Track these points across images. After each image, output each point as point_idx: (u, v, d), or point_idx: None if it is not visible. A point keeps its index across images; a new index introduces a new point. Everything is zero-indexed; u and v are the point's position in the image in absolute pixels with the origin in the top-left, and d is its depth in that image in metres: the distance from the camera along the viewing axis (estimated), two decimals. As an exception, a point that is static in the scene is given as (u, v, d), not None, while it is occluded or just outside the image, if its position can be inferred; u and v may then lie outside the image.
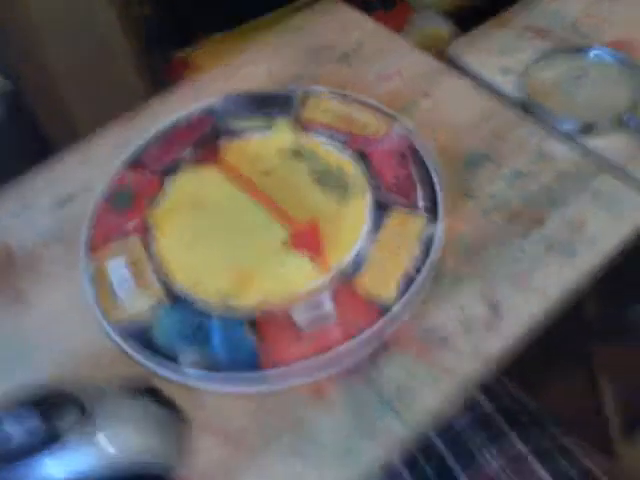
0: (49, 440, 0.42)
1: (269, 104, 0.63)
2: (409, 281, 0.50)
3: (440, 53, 0.71)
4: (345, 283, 0.51)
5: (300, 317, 0.49)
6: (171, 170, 0.60)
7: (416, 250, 0.52)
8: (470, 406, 0.50)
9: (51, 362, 0.52)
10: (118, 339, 0.50)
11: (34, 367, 0.52)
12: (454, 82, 0.66)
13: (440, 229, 0.53)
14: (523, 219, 0.55)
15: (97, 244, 0.55)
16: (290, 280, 0.52)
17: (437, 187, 0.55)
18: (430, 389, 0.47)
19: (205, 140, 0.62)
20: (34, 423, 0.42)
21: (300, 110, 0.63)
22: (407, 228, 0.53)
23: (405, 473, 0.54)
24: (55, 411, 0.43)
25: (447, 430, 0.54)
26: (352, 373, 0.48)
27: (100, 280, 0.53)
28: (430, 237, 0.52)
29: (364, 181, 0.57)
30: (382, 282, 0.50)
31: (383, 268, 0.51)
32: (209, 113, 0.64)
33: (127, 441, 0.43)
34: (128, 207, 0.57)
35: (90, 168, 0.64)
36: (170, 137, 0.62)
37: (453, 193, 0.56)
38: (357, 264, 0.52)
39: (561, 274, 0.52)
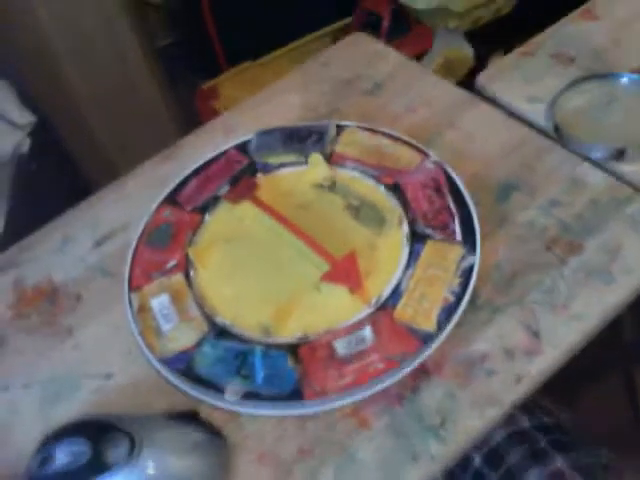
0: (93, 461, 0.43)
1: (302, 139, 0.65)
2: (449, 311, 0.51)
3: (463, 76, 0.72)
4: (385, 314, 0.51)
5: (343, 348, 0.50)
6: (208, 207, 0.61)
7: (454, 280, 0.52)
8: (507, 421, 0.50)
9: (97, 392, 0.54)
10: (164, 370, 0.51)
11: (82, 397, 0.53)
12: (482, 112, 0.67)
13: (477, 259, 0.54)
14: (559, 247, 0.55)
15: (139, 281, 0.57)
16: (329, 312, 0.53)
17: (474, 217, 0.56)
18: (471, 415, 0.48)
19: (241, 176, 0.63)
20: (80, 446, 0.44)
21: (332, 144, 0.64)
22: (444, 258, 0.54)
23: None
24: (100, 436, 0.45)
25: (484, 445, 0.54)
26: (394, 399, 0.49)
27: (144, 316, 0.54)
28: (469, 267, 0.53)
29: (400, 213, 0.58)
30: (422, 313, 0.51)
31: (422, 298, 0.52)
32: (243, 149, 0.65)
33: (168, 464, 0.45)
34: (168, 244, 0.59)
35: (128, 206, 0.66)
36: (206, 174, 0.64)
37: (487, 222, 0.56)
38: (396, 295, 0.52)
39: (599, 300, 0.52)
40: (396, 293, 0.53)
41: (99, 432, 0.45)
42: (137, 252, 0.59)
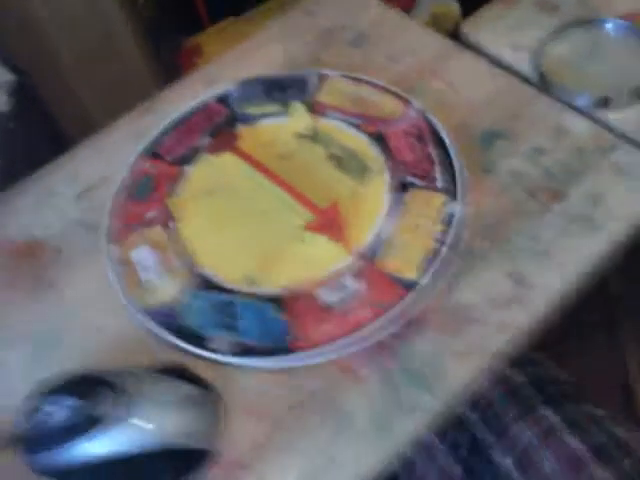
0: (86, 418, 0.43)
1: (283, 89, 0.64)
2: (432, 258, 0.50)
3: (450, 31, 0.71)
4: (369, 263, 0.51)
5: (327, 297, 0.50)
6: (189, 158, 0.60)
7: (437, 228, 0.52)
8: (501, 379, 0.50)
9: (82, 346, 0.53)
10: (148, 323, 0.51)
11: (66, 352, 0.53)
12: (466, 61, 0.67)
13: (460, 206, 0.53)
14: (543, 194, 0.55)
15: (120, 234, 0.56)
16: (313, 262, 0.52)
17: (455, 165, 0.56)
18: (460, 364, 0.48)
19: (221, 127, 0.62)
20: (72, 402, 0.44)
21: (315, 94, 0.63)
22: (427, 207, 0.54)
23: (437, 444, 0.55)
24: (91, 392, 0.44)
25: (478, 403, 0.54)
26: (382, 350, 0.49)
27: (126, 268, 0.54)
28: (451, 214, 0.53)
29: (382, 162, 0.57)
30: (405, 260, 0.51)
31: (405, 247, 0.52)
32: (224, 100, 0.64)
33: (159, 418, 0.45)
34: (148, 196, 0.58)
35: (108, 159, 0.65)
36: (186, 126, 0.63)
37: (471, 171, 0.56)
38: (379, 244, 0.52)
39: (583, 247, 0.52)
40: (378, 242, 0.52)
41: (87, 386, 0.45)
42: (117, 205, 0.58)
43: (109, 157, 0.65)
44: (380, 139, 0.59)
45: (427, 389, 0.47)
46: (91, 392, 0.44)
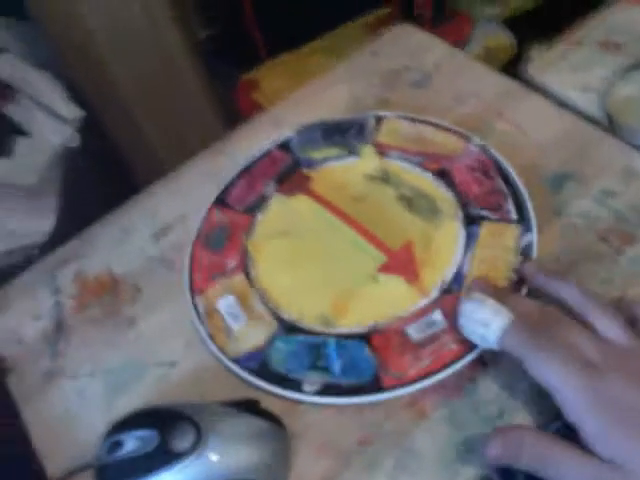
0: (160, 448, 0.45)
1: (343, 132, 0.66)
2: (514, 289, 0.52)
3: (504, 63, 0.72)
4: (451, 298, 0.52)
5: (415, 333, 0.51)
6: (258, 206, 0.62)
7: (515, 259, 0.53)
8: (560, 413, 0.50)
9: (159, 381, 0.55)
10: (238, 370, 0.52)
11: (144, 386, 0.55)
12: (532, 102, 0.67)
13: (535, 237, 0.54)
14: (614, 237, 0.55)
15: (202, 284, 0.58)
16: (387, 303, 0.54)
17: (525, 196, 0.57)
18: (528, 406, 0.48)
19: (286, 173, 0.64)
20: (146, 432, 0.46)
21: (374, 135, 0.65)
22: (502, 238, 0.55)
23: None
24: (165, 423, 0.46)
25: None
26: (452, 390, 0.49)
27: (212, 318, 0.55)
28: (528, 245, 0.54)
29: (451, 199, 0.58)
30: None
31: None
32: (286, 147, 0.66)
33: (232, 452, 0.46)
34: (224, 246, 0.60)
35: (184, 198, 0.67)
36: (251, 174, 0.65)
37: (542, 213, 0.56)
38: (459, 279, 0.53)
39: (655, 292, 0.52)
40: (459, 276, 0.54)
41: (165, 420, 0.47)
42: (195, 255, 0.60)
43: (185, 197, 0.67)
44: (445, 176, 0.60)
45: (493, 427, 0.47)
46: (168, 425, 0.46)
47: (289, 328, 0.54)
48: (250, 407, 0.50)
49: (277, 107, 0.75)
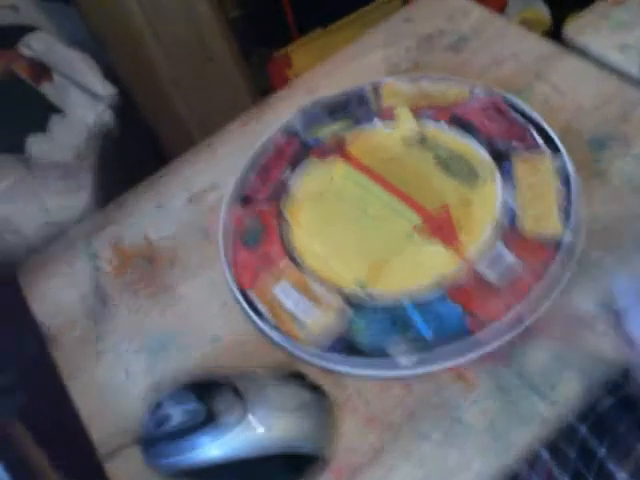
0: (206, 420, 0.45)
1: (344, 105, 0.65)
2: (567, 212, 0.52)
3: (542, 35, 0.71)
4: (510, 230, 0.52)
5: (490, 273, 0.50)
6: (280, 192, 0.61)
7: (557, 183, 0.54)
8: (612, 389, 0.49)
9: (201, 351, 0.55)
10: (318, 354, 0.51)
11: (186, 356, 0.55)
12: (571, 63, 0.66)
13: (568, 160, 0.55)
14: (659, 197, 0.54)
15: (250, 281, 0.56)
16: (424, 266, 0.53)
17: (544, 125, 0.57)
18: (579, 376, 0.47)
19: (297, 157, 0.63)
20: (192, 405, 0.45)
21: (377, 101, 0.65)
22: (537, 168, 0.55)
23: (546, 456, 0.54)
24: (211, 395, 0.46)
25: (589, 414, 0.53)
26: (500, 360, 0.48)
27: (273, 308, 0.53)
28: (563, 168, 0.54)
29: (488, 160, 0.58)
30: (543, 218, 0.52)
31: (536, 208, 0.53)
32: (290, 132, 0.65)
33: (277, 423, 0.46)
34: (261, 240, 0.58)
35: (217, 167, 0.67)
36: (264, 166, 0.63)
37: (582, 174, 0.55)
38: (510, 215, 0.53)
39: None
40: (509, 211, 0.54)
41: (211, 392, 0.46)
42: (232, 252, 0.58)
43: (218, 164, 0.67)
44: (460, 122, 0.60)
45: (543, 398, 0.46)
46: (212, 394, 0.46)
47: (358, 301, 0.52)
48: (295, 378, 0.50)
49: (311, 74, 0.74)
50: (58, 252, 0.65)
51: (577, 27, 0.69)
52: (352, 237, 0.56)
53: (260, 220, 0.59)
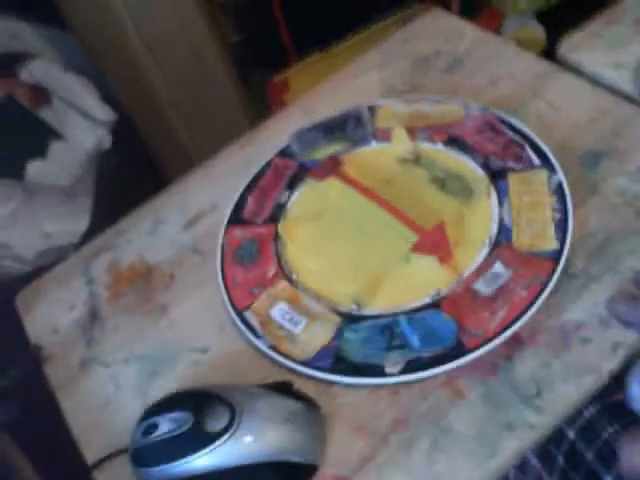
0: (194, 429, 0.45)
1: (340, 127, 0.65)
2: (562, 227, 0.52)
3: (538, 55, 0.71)
4: (505, 248, 0.53)
5: (484, 289, 0.51)
6: (278, 215, 0.61)
7: (551, 199, 0.54)
8: (601, 393, 0.49)
9: (194, 366, 0.55)
10: (312, 372, 0.51)
11: (179, 371, 0.55)
12: (566, 81, 0.66)
13: (562, 176, 0.55)
14: (653, 212, 0.54)
15: (245, 300, 0.56)
16: (419, 283, 0.53)
17: (539, 144, 0.58)
18: (567, 384, 0.47)
19: (294, 179, 0.64)
20: (180, 414, 0.46)
21: (373, 123, 0.65)
22: (531, 184, 0.56)
23: (535, 461, 0.54)
24: (199, 405, 0.46)
25: (577, 418, 0.53)
26: (488, 369, 0.49)
27: (269, 329, 0.54)
28: (558, 184, 0.55)
29: (483, 176, 0.58)
30: (538, 234, 0.52)
31: (531, 224, 0.53)
32: (287, 154, 0.66)
33: (266, 432, 0.46)
34: (258, 258, 0.58)
35: (214, 188, 0.68)
36: (261, 187, 0.64)
37: (577, 191, 0.55)
38: (506, 230, 0.54)
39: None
40: (504, 228, 0.54)
41: (199, 402, 0.46)
42: (227, 274, 0.58)
43: (215, 187, 0.67)
44: (457, 142, 0.61)
45: (533, 408, 0.46)
46: (201, 404, 0.46)
47: (352, 318, 0.52)
48: (284, 389, 0.50)
49: (307, 96, 0.74)
50: (56, 277, 0.66)
51: (571, 45, 0.70)
52: (348, 255, 0.56)
53: (257, 241, 0.59)
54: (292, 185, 0.63)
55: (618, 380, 0.57)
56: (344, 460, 0.47)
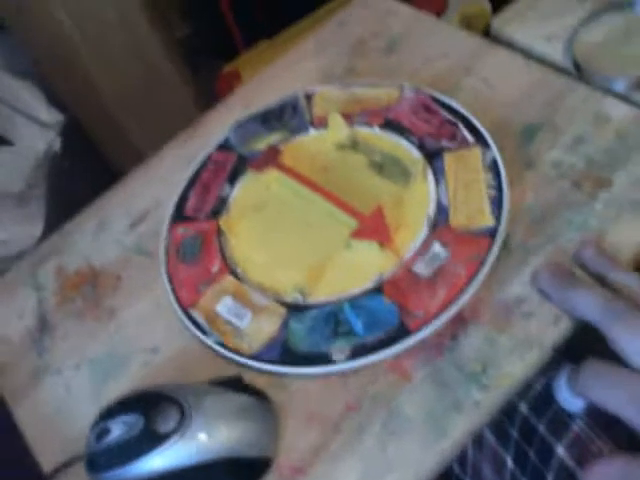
0: (145, 431, 0.45)
1: (278, 116, 0.66)
2: (498, 203, 0.53)
3: (482, 30, 0.72)
4: (443, 228, 0.53)
5: (424, 270, 0.51)
6: (221, 208, 0.61)
7: (487, 176, 0.55)
8: (547, 369, 0.49)
9: (145, 367, 0.55)
10: (260, 365, 0.51)
11: (128, 373, 0.55)
12: (500, 57, 0.66)
13: (497, 153, 0.56)
14: (588, 183, 0.54)
15: (191, 298, 0.56)
16: (361, 269, 0.53)
17: (473, 121, 0.59)
18: (512, 359, 0.47)
19: (236, 172, 0.64)
20: (130, 417, 0.46)
21: (311, 110, 0.65)
22: (467, 163, 0.56)
23: (489, 436, 0.55)
24: (149, 406, 0.46)
25: (528, 391, 0.54)
26: (433, 349, 0.49)
27: (216, 325, 0.54)
28: (493, 160, 0.56)
29: (420, 158, 0.58)
30: (475, 212, 0.53)
31: (468, 202, 0.54)
32: (226, 147, 0.66)
33: (218, 429, 0.46)
34: (200, 255, 0.58)
35: (158, 186, 0.67)
36: (202, 182, 0.64)
37: (513, 166, 0.56)
38: (443, 210, 0.54)
39: (633, 233, 0.51)
40: (442, 208, 0.54)
41: (149, 403, 0.47)
42: (172, 272, 0.58)
43: (158, 184, 0.67)
44: (392, 124, 0.61)
45: (479, 386, 0.47)
46: (153, 408, 0.46)
47: (297, 308, 0.53)
48: (234, 384, 0.50)
49: (247, 87, 0.74)
50: (4, 285, 0.65)
51: (504, 20, 0.70)
52: (291, 245, 0.56)
53: (200, 237, 0.59)
54: (233, 178, 0.63)
55: (568, 353, 0.58)
56: (299, 450, 0.48)
